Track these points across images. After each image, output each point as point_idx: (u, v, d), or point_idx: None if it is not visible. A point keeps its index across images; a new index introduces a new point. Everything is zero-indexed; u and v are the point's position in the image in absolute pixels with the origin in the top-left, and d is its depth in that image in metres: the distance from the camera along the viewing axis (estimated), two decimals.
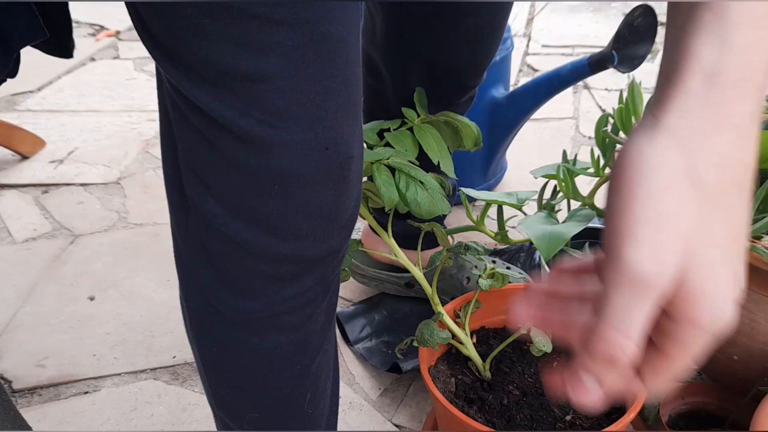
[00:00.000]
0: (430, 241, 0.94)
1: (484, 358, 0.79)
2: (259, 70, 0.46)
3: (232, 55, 0.45)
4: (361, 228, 1.19)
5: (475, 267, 1.12)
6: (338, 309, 1.16)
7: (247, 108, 0.47)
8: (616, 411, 0.76)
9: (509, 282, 0.82)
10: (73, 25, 0.65)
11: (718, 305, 0.29)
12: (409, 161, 0.75)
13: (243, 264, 0.54)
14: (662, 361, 0.31)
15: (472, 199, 1.26)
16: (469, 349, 0.78)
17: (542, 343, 0.72)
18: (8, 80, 0.74)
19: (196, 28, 0.45)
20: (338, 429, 0.96)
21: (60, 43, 0.70)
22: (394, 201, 0.70)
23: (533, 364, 0.82)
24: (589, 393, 0.31)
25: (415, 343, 0.75)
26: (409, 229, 0.85)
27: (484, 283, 0.77)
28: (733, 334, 0.78)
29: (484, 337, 0.85)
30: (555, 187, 1.02)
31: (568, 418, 0.74)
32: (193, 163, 0.53)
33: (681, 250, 0.29)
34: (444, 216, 1.04)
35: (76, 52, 0.67)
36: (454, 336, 0.77)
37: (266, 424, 0.66)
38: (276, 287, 0.56)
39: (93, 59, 2.14)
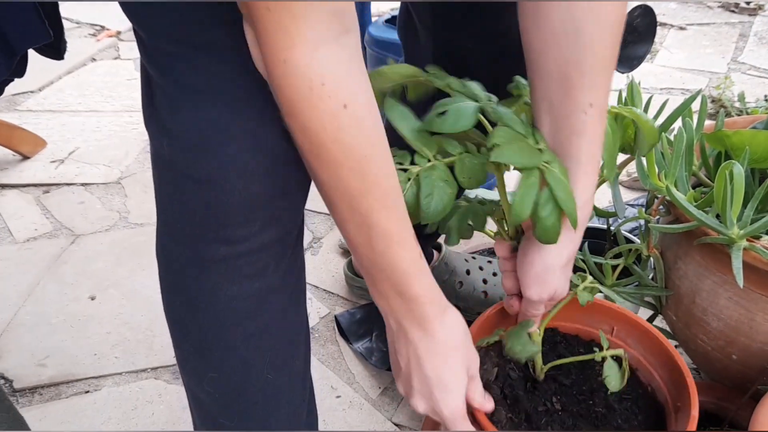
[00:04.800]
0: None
1: (544, 359, 0.76)
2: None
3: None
4: None
5: (480, 268, 1.11)
6: (338, 310, 1.16)
7: (192, 38, 0.53)
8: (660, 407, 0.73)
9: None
10: (74, 25, 0.67)
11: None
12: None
13: (200, 200, 0.59)
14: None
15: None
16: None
17: (611, 381, 0.67)
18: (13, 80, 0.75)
19: None
20: (338, 428, 0.96)
21: (52, 45, 0.71)
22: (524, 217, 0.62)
23: (588, 383, 0.76)
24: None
25: None
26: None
27: (584, 296, 0.74)
28: (732, 333, 0.79)
29: (551, 339, 0.81)
30: None
31: None
32: (159, 108, 0.58)
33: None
34: None
35: (77, 53, 0.69)
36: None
37: (225, 386, 0.68)
38: (226, 226, 0.59)
39: (94, 59, 2.14)
